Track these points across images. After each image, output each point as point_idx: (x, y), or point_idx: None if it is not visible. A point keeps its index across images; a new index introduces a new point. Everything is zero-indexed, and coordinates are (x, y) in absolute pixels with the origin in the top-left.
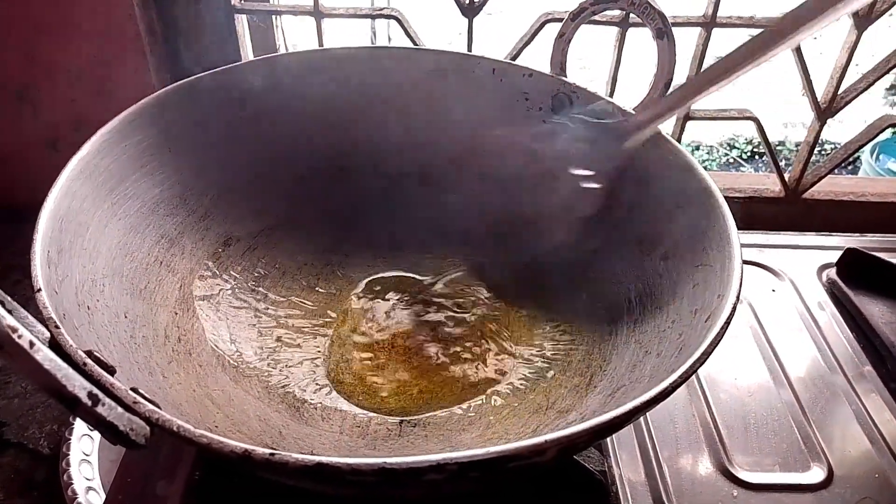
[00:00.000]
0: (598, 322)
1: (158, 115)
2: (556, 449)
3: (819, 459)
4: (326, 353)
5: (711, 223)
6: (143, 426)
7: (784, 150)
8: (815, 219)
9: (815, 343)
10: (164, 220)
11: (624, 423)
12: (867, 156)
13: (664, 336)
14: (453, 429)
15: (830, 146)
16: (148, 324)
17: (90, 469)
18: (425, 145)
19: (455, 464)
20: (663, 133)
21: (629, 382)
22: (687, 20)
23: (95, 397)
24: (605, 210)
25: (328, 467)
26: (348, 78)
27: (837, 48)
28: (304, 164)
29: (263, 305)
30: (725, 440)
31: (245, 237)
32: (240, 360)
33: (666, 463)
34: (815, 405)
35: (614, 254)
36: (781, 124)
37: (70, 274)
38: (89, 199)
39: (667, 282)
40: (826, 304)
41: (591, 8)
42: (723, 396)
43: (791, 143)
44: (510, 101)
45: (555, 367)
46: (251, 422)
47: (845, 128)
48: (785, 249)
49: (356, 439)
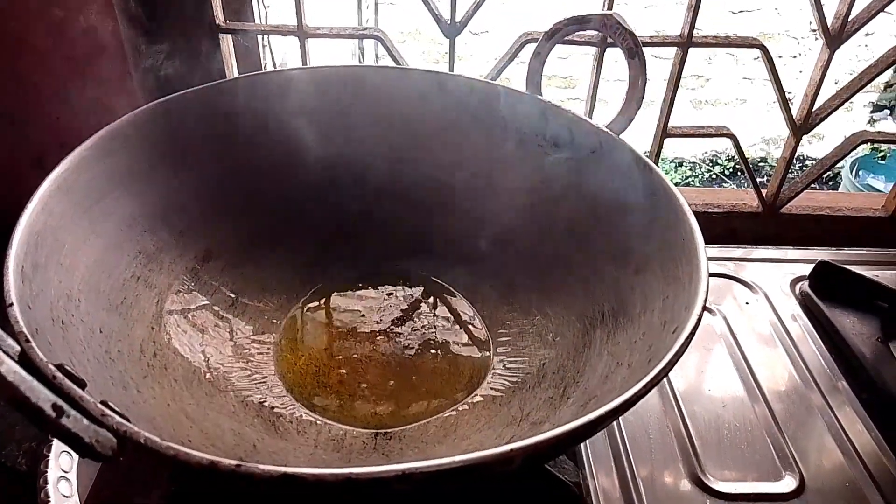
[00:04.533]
0: (573, 335)
1: (139, 132)
2: (523, 457)
3: (791, 469)
4: (303, 368)
5: (681, 237)
6: (109, 438)
7: (765, 167)
8: (792, 233)
9: (788, 355)
10: (142, 236)
11: (590, 431)
12: (847, 172)
13: (635, 347)
14: (429, 441)
15: (812, 162)
16: (124, 339)
17: (68, 486)
18: (407, 162)
19: (420, 473)
20: (636, 150)
21: (601, 393)
22: (663, 40)
23: (60, 409)
24: (580, 226)
25: (293, 478)
26: (331, 96)
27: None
28: (287, 181)
29: (241, 321)
30: (699, 451)
31: (225, 253)
32: (215, 375)
33: (640, 474)
34: (788, 416)
35: (589, 268)
36: (762, 141)
37: (45, 289)
38: (67, 216)
39: (639, 295)
40: (799, 316)
41: (565, 29)
42: (696, 408)
43: (772, 159)
44: (488, 119)
45: (529, 379)
46: (225, 436)
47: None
48: (760, 263)
49: (331, 453)
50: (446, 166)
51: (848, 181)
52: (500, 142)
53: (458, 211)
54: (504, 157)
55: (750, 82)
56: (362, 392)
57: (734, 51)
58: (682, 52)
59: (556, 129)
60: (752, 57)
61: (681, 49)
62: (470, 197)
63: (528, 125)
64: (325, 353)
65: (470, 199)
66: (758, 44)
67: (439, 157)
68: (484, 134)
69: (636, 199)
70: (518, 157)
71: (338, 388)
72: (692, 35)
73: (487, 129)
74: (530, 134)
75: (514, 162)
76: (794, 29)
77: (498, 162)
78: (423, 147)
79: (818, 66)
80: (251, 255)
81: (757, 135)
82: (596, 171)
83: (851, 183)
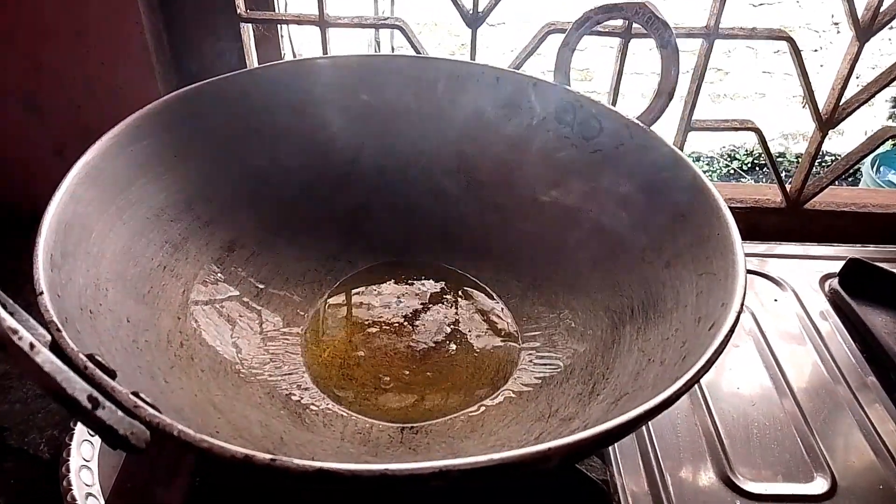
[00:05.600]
0: (601, 330)
1: (164, 120)
2: (560, 456)
3: (823, 470)
4: (328, 360)
5: (715, 231)
6: (143, 430)
7: (784, 162)
8: (815, 229)
9: (818, 352)
10: (168, 226)
11: (628, 430)
12: (867, 168)
13: (668, 344)
14: (455, 436)
15: (830, 157)
16: (150, 328)
17: (90, 475)
18: (430, 153)
19: (458, 471)
20: (669, 143)
21: (632, 390)
22: (689, 31)
23: (95, 400)
24: (608, 218)
25: (329, 473)
26: (354, 85)
27: (838, 61)
28: (310, 170)
29: (267, 311)
30: (728, 450)
31: (249, 243)
32: (242, 366)
33: (668, 472)
34: (818, 415)
35: (617, 262)
36: (781, 136)
37: (73, 278)
38: (94, 204)
39: (670, 290)
40: (828, 313)
41: (596, 17)
42: (725, 406)
43: (791, 154)
44: (514, 110)
45: (557, 375)
46: (252, 427)
47: (845, 139)
48: (787, 259)
49: (358, 446)
50: (471, 157)
51: (868, 177)
52: (527, 133)
53: (484, 203)
54: (531, 148)
55: (769, 76)
56: (387, 385)
57: (754, 44)
58: (708, 44)
59: (585, 120)
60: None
61: (706, 40)
62: (496, 189)
63: (556, 116)
64: (350, 345)
65: (496, 191)
66: (785, 35)
67: (464, 147)
68: (511, 124)
69: (667, 193)
70: (545, 148)
71: (363, 380)
72: (718, 26)
73: (514, 120)
74: (558, 125)
75: (540, 153)
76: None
77: (524, 153)
78: (448, 137)
79: (846, 58)
80: (276, 246)
81: (775, 129)
82: (625, 164)
83: (872, 178)
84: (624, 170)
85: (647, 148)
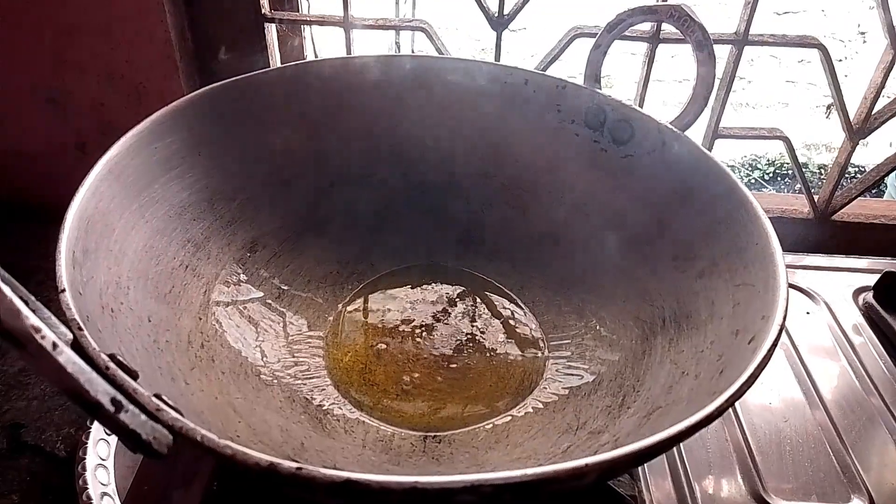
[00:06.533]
0: (630, 341)
1: (188, 118)
2: (597, 473)
3: (860, 491)
4: (349, 365)
5: (753, 241)
6: (165, 435)
7: (806, 173)
8: (844, 241)
9: (852, 367)
10: (190, 224)
11: (669, 446)
12: (893, 179)
13: (703, 357)
14: (479, 446)
15: (854, 169)
16: (171, 328)
17: (105, 474)
18: (455, 156)
19: (490, 486)
20: (704, 149)
21: (665, 404)
22: (719, 37)
23: (119, 404)
24: (638, 226)
25: (357, 485)
26: (378, 86)
27: (864, 71)
28: (333, 171)
29: (288, 313)
30: (760, 466)
31: (271, 243)
32: (263, 369)
33: (698, 489)
34: (853, 431)
35: (647, 270)
36: (804, 146)
37: (95, 276)
38: (117, 200)
39: (703, 301)
40: (862, 327)
41: (630, 20)
42: (757, 421)
43: (814, 165)
44: (543, 113)
45: (585, 386)
46: (273, 432)
47: (869, 150)
48: (818, 271)
49: (379, 454)
50: (498, 160)
51: (892, 188)
52: (557, 136)
53: (511, 207)
54: (559, 151)
55: (793, 85)
56: (409, 391)
57: (777, 52)
58: (738, 50)
59: (616, 124)
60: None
61: (735, 47)
62: (522, 193)
63: (586, 120)
64: (372, 350)
65: (522, 195)
66: (816, 43)
67: (490, 150)
68: (539, 128)
69: (701, 201)
70: (575, 152)
71: (384, 385)
72: (748, 32)
73: (543, 123)
74: (588, 129)
75: (569, 157)
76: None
77: (553, 157)
78: (474, 140)
79: (880, 67)
80: (298, 247)
81: (798, 139)
82: (657, 169)
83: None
84: (656, 175)
85: (681, 154)
